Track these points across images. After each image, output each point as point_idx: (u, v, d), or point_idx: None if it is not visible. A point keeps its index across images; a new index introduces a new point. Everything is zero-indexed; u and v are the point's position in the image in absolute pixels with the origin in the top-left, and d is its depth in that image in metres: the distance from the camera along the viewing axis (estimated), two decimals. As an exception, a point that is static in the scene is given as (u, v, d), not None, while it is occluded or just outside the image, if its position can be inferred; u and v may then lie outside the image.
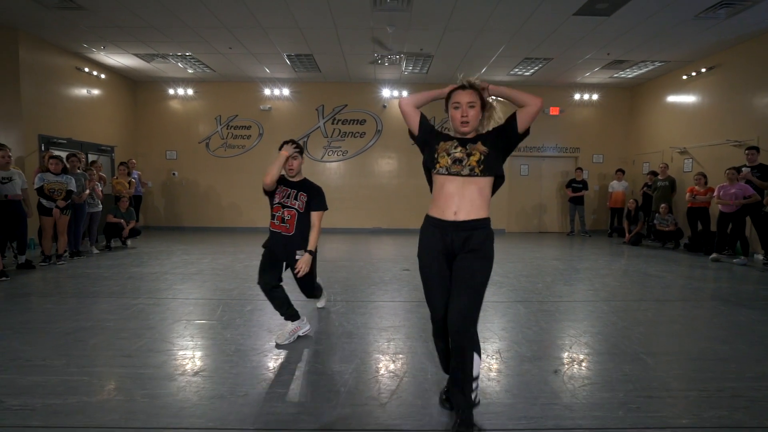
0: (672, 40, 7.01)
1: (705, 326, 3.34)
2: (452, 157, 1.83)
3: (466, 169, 1.81)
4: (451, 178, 1.83)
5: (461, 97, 1.88)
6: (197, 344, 2.83)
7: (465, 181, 1.81)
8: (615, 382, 2.34)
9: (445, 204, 1.84)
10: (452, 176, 1.83)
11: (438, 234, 1.86)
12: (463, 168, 1.81)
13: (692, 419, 1.96)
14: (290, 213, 2.99)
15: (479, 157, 1.81)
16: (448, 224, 1.83)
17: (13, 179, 5.09)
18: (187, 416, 1.95)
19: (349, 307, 3.74)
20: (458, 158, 1.82)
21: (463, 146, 1.85)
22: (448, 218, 1.83)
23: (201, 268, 5.45)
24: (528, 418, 1.96)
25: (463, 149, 1.84)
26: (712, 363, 2.60)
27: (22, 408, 1.99)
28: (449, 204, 1.83)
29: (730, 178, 6.18)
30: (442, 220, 1.85)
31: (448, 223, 1.83)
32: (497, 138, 1.88)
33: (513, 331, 3.16)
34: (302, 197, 3.02)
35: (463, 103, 1.87)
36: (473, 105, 1.87)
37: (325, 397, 2.15)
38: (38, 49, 7.16)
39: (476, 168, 1.81)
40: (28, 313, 3.45)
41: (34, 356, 2.58)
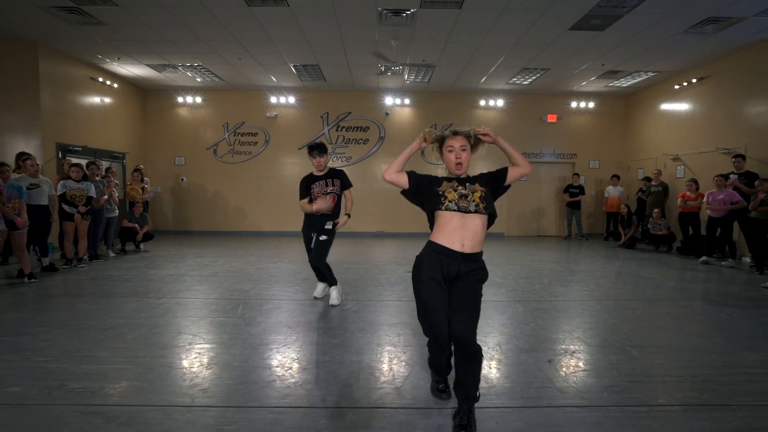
0: (663, 53, 7.35)
1: (688, 323, 3.63)
2: (458, 192, 2.03)
3: (472, 205, 2.01)
4: (459, 214, 2.01)
5: (454, 142, 2.13)
6: (225, 339, 3.12)
7: (470, 217, 2.00)
8: (602, 369, 2.63)
9: (453, 236, 2.00)
10: (460, 212, 2.01)
11: (444, 261, 2.00)
12: (470, 204, 2.01)
13: (667, 399, 2.25)
14: (332, 197, 3.93)
15: (480, 194, 2.04)
16: (456, 254, 1.99)
17: (40, 186, 5.39)
18: (227, 397, 2.23)
19: (360, 306, 4.03)
20: (464, 194, 2.03)
21: (463, 185, 2.07)
22: (456, 249, 1.99)
23: (215, 270, 5.74)
24: (525, 399, 2.25)
25: (464, 188, 2.06)
26: (689, 354, 2.89)
27: (84, 390, 2.27)
28: (457, 236, 1.99)
29: (718, 185, 6.49)
30: (451, 250, 1.99)
31: (456, 254, 1.99)
32: (488, 182, 2.13)
33: (511, 326, 3.45)
34: (336, 182, 3.99)
35: (456, 147, 2.12)
36: (465, 148, 2.12)
37: (345, 382, 2.44)
38: (56, 61, 7.48)
39: (480, 204, 2.01)
40: (64, 311, 3.73)
41: (81, 349, 2.86)
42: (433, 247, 2.04)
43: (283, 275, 5.47)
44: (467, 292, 1.98)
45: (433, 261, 2.02)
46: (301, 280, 5.12)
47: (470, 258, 2.00)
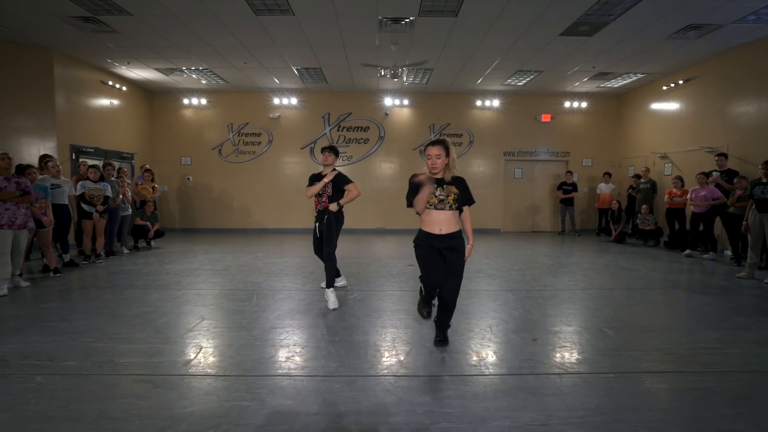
0: (650, 56, 7.71)
1: (661, 308, 4.01)
2: (438, 198, 2.81)
3: (447, 206, 2.81)
4: (437, 211, 2.82)
5: (432, 151, 2.83)
6: (245, 323, 3.48)
7: (446, 213, 2.82)
8: (579, 346, 3.00)
9: (434, 225, 2.82)
10: (438, 210, 2.81)
11: (431, 241, 2.82)
12: (445, 206, 2.81)
13: (631, 368, 2.63)
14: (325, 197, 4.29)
15: (453, 196, 2.82)
16: (436, 237, 2.81)
17: (61, 186, 5.73)
18: (254, 368, 2.59)
19: (365, 295, 4.39)
20: (441, 199, 2.82)
21: (442, 186, 2.82)
22: (436, 233, 2.81)
23: (227, 265, 6.10)
24: (510, 369, 2.62)
25: (442, 189, 2.81)
26: (657, 333, 3.27)
27: (129, 363, 2.64)
28: (436, 225, 2.82)
29: (701, 182, 6.87)
30: (433, 235, 2.81)
31: (436, 236, 2.81)
32: (461, 190, 2.87)
33: (502, 312, 3.82)
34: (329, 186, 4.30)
35: (432, 155, 2.83)
36: (440, 156, 2.82)
37: (356, 356, 2.81)
38: (69, 66, 7.81)
39: (453, 205, 2.82)
40: (94, 301, 4.09)
41: (119, 332, 3.22)
42: (422, 233, 2.88)
43: (291, 269, 5.84)
44: (453, 267, 2.81)
45: (424, 240, 2.86)
46: (308, 273, 5.48)
47: (447, 237, 2.81)
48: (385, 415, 2.08)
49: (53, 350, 2.84)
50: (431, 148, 2.83)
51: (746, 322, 3.53)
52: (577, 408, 2.15)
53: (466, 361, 2.76)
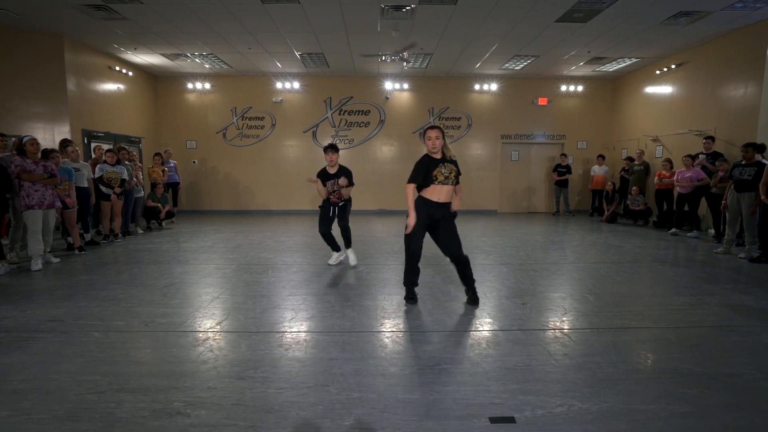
0: (643, 41, 7.95)
1: (640, 279, 4.42)
2: (443, 174, 3.31)
3: (450, 181, 3.33)
4: (442, 186, 3.32)
5: (432, 134, 3.32)
6: (265, 292, 3.87)
7: (448, 187, 3.34)
8: (564, 309, 3.41)
9: (437, 195, 3.33)
10: (442, 185, 3.32)
11: (428, 209, 3.33)
12: (448, 181, 3.32)
13: (604, 325, 3.04)
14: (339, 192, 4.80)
15: (454, 173, 3.37)
16: (435, 204, 3.33)
17: (81, 170, 6.05)
18: (281, 324, 2.99)
19: (371, 269, 4.79)
20: (446, 176, 3.32)
21: (444, 164, 3.32)
22: (435, 200, 3.33)
23: (239, 243, 6.48)
24: (503, 327, 3.03)
25: (444, 167, 3.32)
26: (633, 299, 3.68)
27: (171, 323, 3.04)
28: (440, 195, 3.33)
29: (686, 164, 7.23)
30: (432, 202, 3.33)
31: (435, 203, 3.33)
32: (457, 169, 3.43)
33: (495, 282, 4.23)
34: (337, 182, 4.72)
35: (433, 137, 3.31)
36: (438, 138, 3.31)
37: (367, 316, 3.22)
38: (79, 52, 8.02)
39: (453, 180, 3.36)
40: (125, 274, 4.48)
41: (154, 299, 3.62)
42: (421, 201, 3.36)
43: (299, 246, 6.22)
44: (450, 231, 3.39)
45: (422, 207, 3.34)
46: (316, 249, 5.87)
47: (444, 205, 3.36)
48: (395, 360, 2.48)
49: (101, 313, 3.23)
50: (431, 131, 3.31)
51: (712, 289, 3.95)
52: (556, 354, 2.56)
53: (463, 321, 3.17)
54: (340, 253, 5.03)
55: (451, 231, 3.40)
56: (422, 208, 3.34)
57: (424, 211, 3.33)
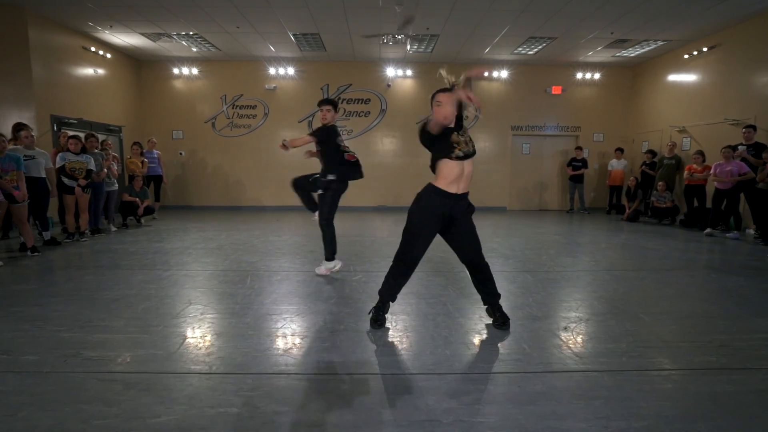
0: (676, 19, 7.13)
1: (697, 291, 3.64)
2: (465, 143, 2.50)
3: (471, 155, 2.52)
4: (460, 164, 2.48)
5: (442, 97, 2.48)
6: (237, 309, 3.10)
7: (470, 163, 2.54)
8: (617, 336, 2.63)
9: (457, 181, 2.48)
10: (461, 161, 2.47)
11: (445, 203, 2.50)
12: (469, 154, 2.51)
13: (685, 363, 2.26)
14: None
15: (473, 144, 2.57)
16: (452, 197, 2.50)
17: (35, 158, 5.25)
18: (247, 364, 2.22)
19: (369, 277, 4.01)
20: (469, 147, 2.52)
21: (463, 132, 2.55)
22: (453, 191, 2.49)
23: (220, 243, 5.70)
24: (544, 364, 2.25)
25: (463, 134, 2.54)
26: (702, 320, 2.90)
27: (100, 358, 2.26)
28: (460, 182, 2.49)
29: (726, 156, 6.43)
30: (450, 194, 2.49)
31: (452, 196, 2.50)
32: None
33: (522, 296, 3.45)
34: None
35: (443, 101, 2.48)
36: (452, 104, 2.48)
37: (363, 348, 2.44)
38: (46, 29, 7.19)
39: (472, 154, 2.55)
40: (72, 283, 3.70)
41: (93, 318, 2.84)
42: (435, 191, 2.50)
43: (289, 248, 5.45)
44: (469, 227, 2.62)
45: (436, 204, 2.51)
46: (308, 252, 5.09)
47: (463, 197, 2.56)
48: (405, 426, 1.71)
49: (13, 341, 2.46)
50: (442, 95, 2.48)
51: (798, 307, 3.17)
52: (633, 416, 1.78)
53: (490, 355, 2.39)
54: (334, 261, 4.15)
55: (471, 230, 2.63)
56: (436, 202, 2.49)
57: (439, 207, 2.50)
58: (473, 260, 2.66)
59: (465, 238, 2.62)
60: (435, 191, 2.50)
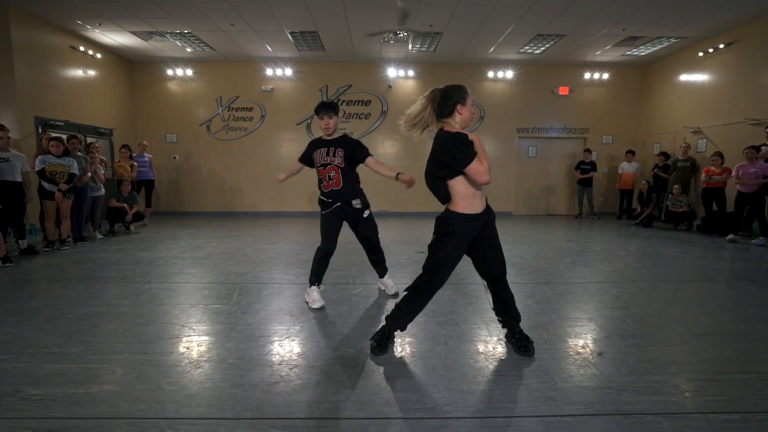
0: (691, 15, 6.78)
1: (740, 306, 3.23)
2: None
3: None
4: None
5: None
6: (218, 330, 2.70)
7: None
8: (664, 364, 2.23)
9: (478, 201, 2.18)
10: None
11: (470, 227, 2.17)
12: None
13: (758, 404, 1.85)
14: (334, 169, 3.12)
15: None
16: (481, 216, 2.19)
17: (9, 160, 4.87)
18: (220, 405, 1.82)
19: (370, 291, 3.61)
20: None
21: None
22: (479, 212, 2.19)
23: (210, 252, 5.31)
24: (583, 404, 1.85)
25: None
26: (760, 344, 2.49)
27: (43, 398, 1.85)
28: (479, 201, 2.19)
29: (749, 158, 6.04)
30: (478, 215, 2.18)
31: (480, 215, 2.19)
32: None
33: (544, 312, 3.04)
34: (340, 153, 3.13)
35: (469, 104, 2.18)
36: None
37: (367, 382, 2.03)
38: (31, 27, 6.85)
39: None
40: (36, 299, 3.30)
41: (49, 343, 2.44)
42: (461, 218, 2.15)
43: (283, 257, 5.05)
44: (493, 237, 2.29)
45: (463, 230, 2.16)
46: (303, 261, 4.70)
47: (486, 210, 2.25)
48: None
49: (-54, 374, 2.06)
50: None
51: None
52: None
53: (517, 392, 1.98)
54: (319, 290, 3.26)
55: (495, 240, 2.29)
56: (463, 228, 2.14)
57: (466, 233, 2.16)
58: (497, 271, 2.31)
59: (491, 248, 2.28)
60: (458, 218, 2.14)
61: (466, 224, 2.14)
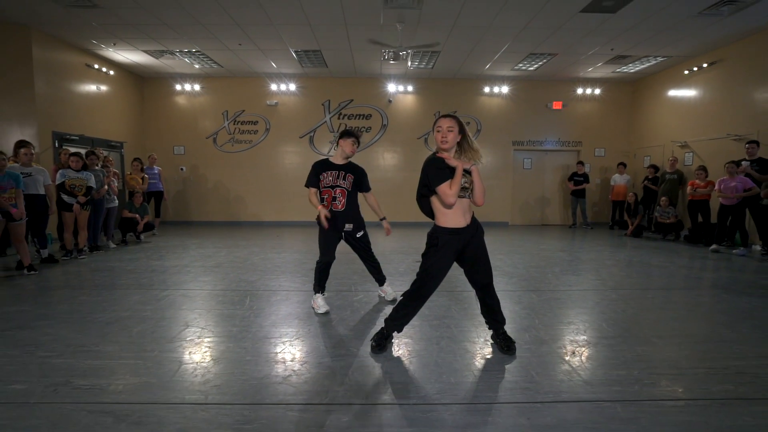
0: (676, 36, 7.16)
1: (709, 312, 3.54)
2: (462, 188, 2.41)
3: (467, 193, 2.45)
4: (464, 200, 2.45)
5: (442, 123, 2.39)
6: (235, 332, 3.01)
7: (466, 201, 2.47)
8: (629, 361, 2.54)
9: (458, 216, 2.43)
10: (464, 198, 2.45)
11: (454, 240, 2.43)
12: (465, 192, 2.44)
13: (702, 393, 2.16)
14: (341, 191, 3.46)
15: (471, 184, 2.45)
16: (463, 229, 2.45)
17: (32, 175, 5.21)
18: (242, 393, 2.13)
19: (370, 297, 3.92)
20: (465, 188, 2.43)
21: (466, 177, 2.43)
22: (462, 225, 2.45)
23: (219, 261, 5.62)
24: (554, 393, 2.16)
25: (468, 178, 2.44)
26: (717, 345, 2.80)
27: (91, 387, 2.17)
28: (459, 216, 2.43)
29: (730, 172, 6.38)
30: (458, 229, 2.44)
31: (463, 229, 2.45)
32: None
33: (528, 317, 3.35)
34: (350, 177, 3.49)
35: (444, 127, 2.37)
36: (452, 129, 2.38)
37: (366, 376, 2.34)
38: (50, 47, 7.25)
39: (470, 192, 2.47)
40: (66, 304, 3.61)
41: (86, 342, 2.75)
42: (444, 231, 2.44)
43: (289, 266, 5.36)
44: (481, 249, 2.55)
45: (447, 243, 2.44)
46: (308, 270, 5.01)
47: (471, 226, 2.49)
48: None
49: (1, 368, 2.37)
50: (442, 120, 2.41)
51: (814, 330, 3.07)
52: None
53: (498, 383, 2.29)
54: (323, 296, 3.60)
55: (482, 253, 2.55)
56: (447, 241, 2.42)
57: (450, 245, 2.44)
58: (482, 280, 2.57)
59: (478, 260, 2.53)
60: (441, 232, 2.44)
61: (449, 237, 2.42)
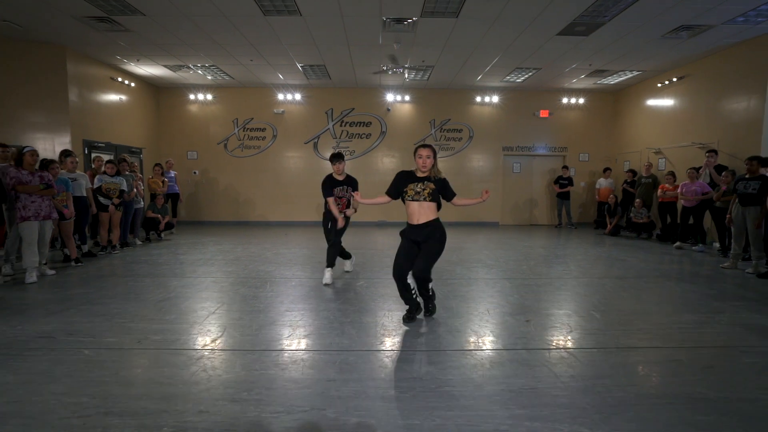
0: (645, 54, 7.95)
1: (646, 295, 4.32)
2: (413, 190, 3.24)
3: (421, 197, 3.22)
4: (410, 203, 3.26)
5: (423, 152, 3.26)
6: (262, 307, 3.78)
7: (419, 203, 3.23)
8: (569, 327, 3.31)
9: (411, 216, 3.27)
10: (411, 201, 3.25)
11: (409, 232, 3.31)
12: (419, 196, 3.22)
13: (614, 344, 2.94)
14: (342, 201, 4.79)
15: (429, 191, 3.23)
16: (414, 227, 3.27)
17: (77, 180, 6.00)
18: (278, 344, 2.90)
19: (370, 283, 4.70)
20: (417, 192, 3.23)
21: (422, 182, 3.25)
22: (413, 223, 3.27)
23: (237, 255, 6.40)
24: (506, 346, 2.93)
25: (419, 184, 3.24)
26: (640, 316, 3.58)
27: (165, 340, 2.94)
28: (414, 216, 3.25)
29: (691, 177, 7.16)
30: (411, 225, 3.29)
31: (414, 226, 3.27)
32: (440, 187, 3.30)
33: (498, 297, 4.13)
34: (350, 189, 4.70)
35: (423, 155, 3.24)
36: (430, 157, 3.24)
37: (366, 334, 3.12)
38: (81, 63, 8.04)
39: (427, 198, 3.22)
40: (120, 287, 4.39)
41: (148, 314, 3.53)
42: (406, 225, 3.35)
43: (299, 259, 6.14)
44: (426, 248, 3.25)
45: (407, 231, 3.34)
46: (316, 263, 5.79)
47: (422, 226, 3.24)
48: (395, 381, 2.39)
49: (93, 329, 3.15)
50: (422, 150, 3.26)
51: (721, 306, 3.85)
52: (563, 376, 2.46)
53: (465, 339, 3.07)
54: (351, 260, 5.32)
55: (428, 250, 3.24)
56: (406, 231, 3.35)
57: (407, 234, 3.33)
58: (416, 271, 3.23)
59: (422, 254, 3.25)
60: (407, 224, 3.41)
61: (408, 229, 3.33)
